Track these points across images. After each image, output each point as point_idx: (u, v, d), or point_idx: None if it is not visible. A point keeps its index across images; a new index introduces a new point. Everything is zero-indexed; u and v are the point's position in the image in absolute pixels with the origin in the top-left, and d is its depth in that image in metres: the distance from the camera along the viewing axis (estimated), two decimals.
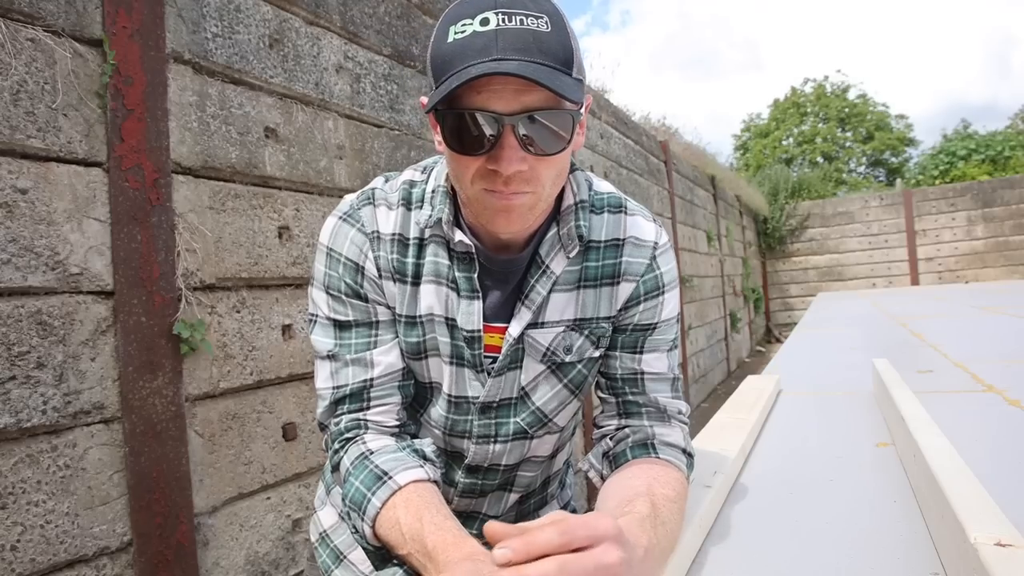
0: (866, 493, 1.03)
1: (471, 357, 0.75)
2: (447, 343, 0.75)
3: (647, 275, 0.77)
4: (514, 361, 0.76)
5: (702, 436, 1.33)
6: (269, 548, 1.74)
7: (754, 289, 10.68)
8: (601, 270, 0.76)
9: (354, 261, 0.75)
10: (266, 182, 1.83)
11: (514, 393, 0.77)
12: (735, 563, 0.81)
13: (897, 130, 21.79)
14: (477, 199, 0.67)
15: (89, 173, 1.40)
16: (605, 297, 0.76)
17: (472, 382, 0.76)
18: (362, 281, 0.75)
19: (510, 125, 0.61)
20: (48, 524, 1.27)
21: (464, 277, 0.74)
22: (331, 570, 0.89)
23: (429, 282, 0.75)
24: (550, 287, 0.74)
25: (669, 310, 0.79)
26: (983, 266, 10.68)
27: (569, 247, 0.74)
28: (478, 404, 0.76)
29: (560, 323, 0.75)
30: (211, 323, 1.63)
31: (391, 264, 0.75)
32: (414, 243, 0.75)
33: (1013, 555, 0.60)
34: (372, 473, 0.70)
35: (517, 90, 0.60)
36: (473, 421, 0.77)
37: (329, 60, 2.08)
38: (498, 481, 0.82)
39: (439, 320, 0.75)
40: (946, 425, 1.09)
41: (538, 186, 0.65)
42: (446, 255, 0.75)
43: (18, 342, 1.25)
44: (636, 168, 5.26)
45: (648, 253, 0.77)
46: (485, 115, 0.61)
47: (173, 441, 1.50)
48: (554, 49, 0.60)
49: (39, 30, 1.33)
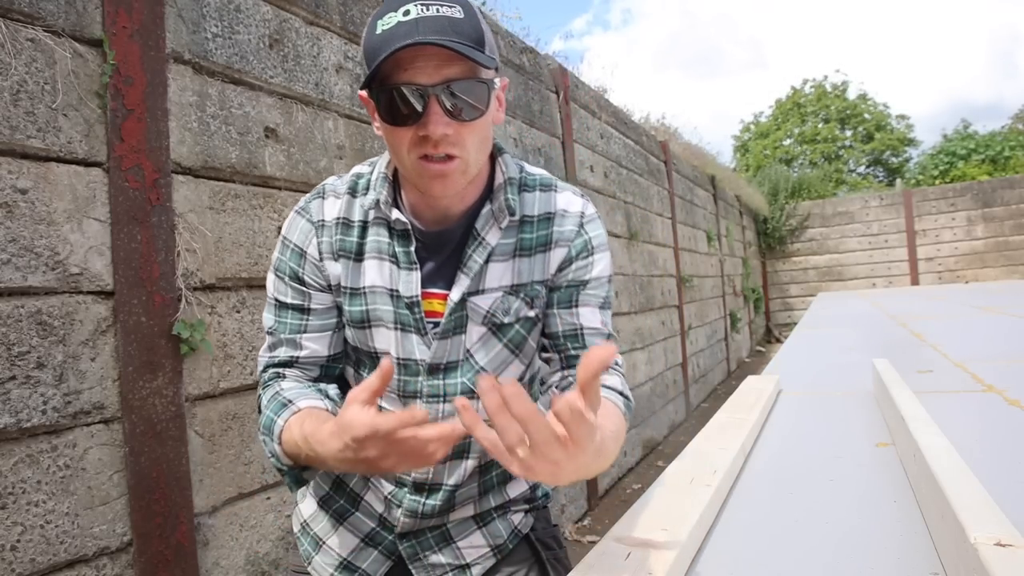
0: (866, 493, 1.03)
1: (414, 322, 0.83)
2: (390, 311, 0.84)
3: (576, 240, 0.86)
4: (459, 326, 0.84)
5: (702, 436, 1.33)
6: (269, 548, 1.74)
7: (754, 289, 10.68)
8: (535, 240, 0.85)
9: (300, 247, 0.86)
10: (266, 182, 1.83)
11: (460, 356, 0.84)
12: (735, 563, 0.81)
13: (897, 130, 21.80)
14: (414, 168, 0.76)
15: (89, 173, 1.40)
16: (539, 263, 0.85)
17: (419, 346, 0.83)
18: (304, 265, 0.86)
19: (434, 95, 0.71)
20: (48, 524, 1.27)
21: (403, 251, 0.83)
22: (311, 557, 0.95)
23: (372, 258, 0.84)
24: (486, 256, 0.83)
25: (600, 269, 0.88)
26: (983, 266, 10.68)
27: (501, 220, 0.83)
28: (425, 365, 0.84)
29: (499, 289, 0.84)
30: (211, 323, 1.63)
31: (334, 245, 0.85)
32: (358, 225, 0.85)
33: (1013, 555, 0.60)
34: (279, 402, 0.80)
35: (438, 65, 0.70)
36: (422, 382, 0.84)
37: (329, 60, 2.08)
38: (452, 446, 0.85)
39: (382, 291, 0.84)
40: (946, 425, 1.09)
41: (464, 150, 0.75)
42: (387, 233, 0.84)
43: (18, 342, 1.25)
44: (636, 168, 5.26)
45: (576, 221, 0.87)
46: (411, 88, 0.71)
47: (173, 441, 1.50)
48: (467, 31, 0.71)
49: (39, 30, 1.33)
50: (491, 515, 0.94)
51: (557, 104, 3.86)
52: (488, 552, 0.93)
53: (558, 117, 3.85)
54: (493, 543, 0.93)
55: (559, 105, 3.87)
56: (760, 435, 1.44)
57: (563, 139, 3.85)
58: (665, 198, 6.03)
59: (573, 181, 3.83)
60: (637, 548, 0.78)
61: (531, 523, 0.99)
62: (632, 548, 0.78)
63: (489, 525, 0.94)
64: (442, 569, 0.91)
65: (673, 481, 1.04)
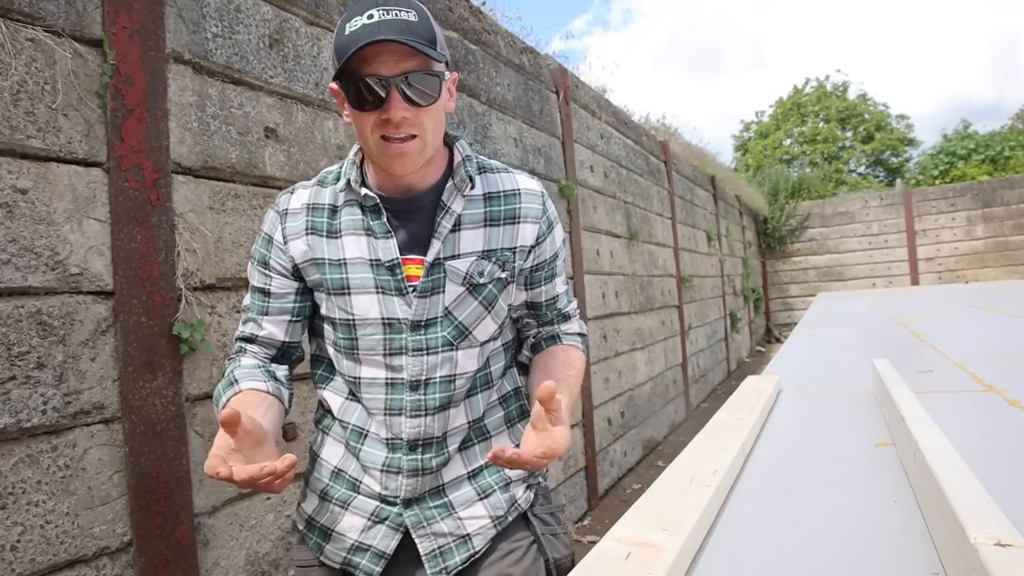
0: (866, 493, 1.03)
1: (395, 283, 0.94)
2: (371, 278, 0.94)
3: (542, 217, 1.02)
4: (436, 287, 0.95)
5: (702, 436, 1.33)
6: (269, 548, 1.74)
7: (754, 289, 10.68)
8: (504, 212, 0.99)
9: (268, 234, 1.00)
10: (266, 182, 1.83)
11: (439, 313, 0.95)
12: (736, 563, 0.81)
13: (897, 130, 21.79)
14: (377, 148, 0.88)
15: (89, 173, 1.40)
16: (507, 233, 0.99)
17: (400, 306, 0.94)
18: (270, 249, 0.99)
19: (394, 84, 0.85)
20: (48, 524, 1.27)
21: (377, 223, 0.94)
22: (323, 547, 1.00)
23: (349, 234, 0.96)
24: (453, 223, 0.96)
25: (560, 239, 1.07)
26: (983, 266, 10.69)
27: (464, 188, 0.97)
28: (408, 323, 0.94)
29: (473, 254, 0.96)
30: (211, 323, 1.63)
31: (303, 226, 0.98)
32: (328, 207, 0.98)
33: (1013, 555, 0.60)
34: (229, 380, 0.95)
35: (397, 60, 0.84)
36: (407, 338, 0.95)
37: (329, 60, 2.08)
38: (438, 397, 0.96)
39: (361, 262, 0.95)
40: (946, 425, 1.09)
41: (421, 130, 0.88)
42: (359, 211, 0.96)
43: (18, 342, 1.25)
44: (636, 168, 5.26)
45: (539, 200, 1.02)
46: (375, 79, 0.84)
47: (173, 441, 1.50)
48: (421, 32, 0.85)
49: (39, 30, 1.33)
50: (492, 487, 1.01)
51: (557, 104, 3.86)
52: (488, 523, 0.99)
53: (558, 117, 3.85)
54: (493, 514, 0.99)
55: (559, 105, 3.87)
56: (760, 435, 1.44)
57: (563, 139, 3.85)
58: (665, 198, 6.03)
59: (573, 181, 3.84)
60: (637, 548, 0.78)
61: (531, 499, 1.05)
62: (632, 548, 0.78)
63: (490, 497, 1.00)
64: (444, 539, 0.97)
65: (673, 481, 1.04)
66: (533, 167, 3.42)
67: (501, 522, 1.00)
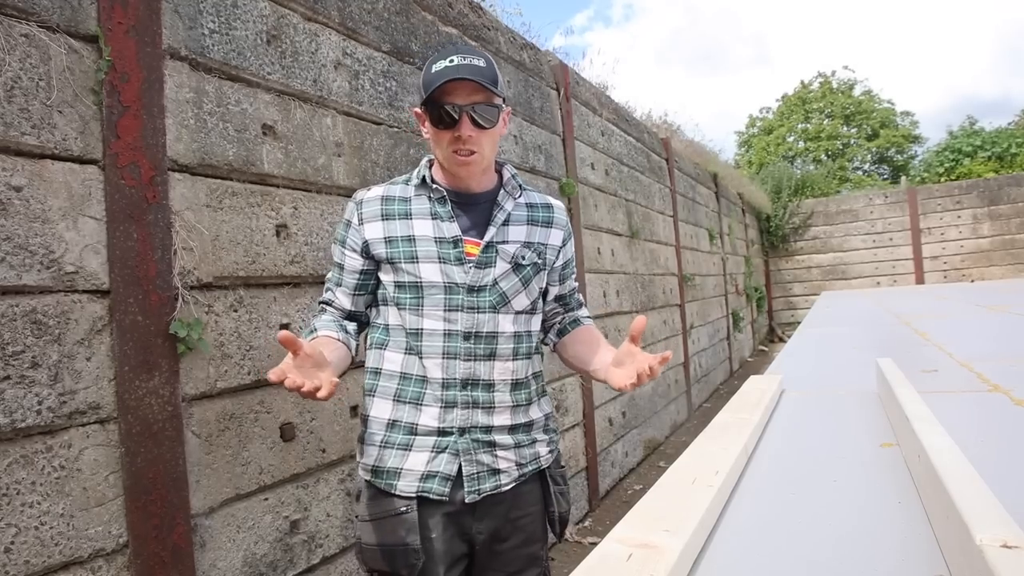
0: (870, 494, 1.01)
1: (455, 254, 1.22)
2: (434, 251, 1.22)
3: (565, 227, 1.36)
4: (489, 262, 1.24)
5: (704, 436, 1.31)
6: (267, 550, 1.73)
7: (757, 288, 10.65)
8: (541, 218, 1.32)
9: (347, 219, 1.28)
10: (264, 180, 1.82)
11: (489, 282, 1.23)
12: (738, 564, 0.80)
13: (902, 127, 21.72)
14: (448, 159, 1.20)
15: (84, 171, 1.39)
16: (543, 232, 1.32)
17: (459, 273, 1.22)
18: (348, 231, 1.27)
19: (465, 111, 1.16)
20: (43, 526, 1.26)
21: (443, 211, 1.23)
22: (394, 486, 1.21)
23: (420, 218, 1.24)
24: (504, 218, 1.27)
25: (573, 249, 1.41)
26: (989, 264, 10.64)
27: (514, 195, 1.30)
28: (464, 287, 1.22)
29: (518, 242, 1.27)
30: (208, 322, 1.62)
31: (378, 212, 1.24)
32: (400, 199, 1.26)
33: (1019, 557, 0.58)
34: (310, 329, 1.25)
35: (468, 93, 1.16)
36: (463, 298, 1.22)
37: (327, 56, 2.07)
38: (484, 349, 1.23)
39: (429, 239, 1.22)
40: (951, 425, 1.08)
41: (480, 148, 1.19)
42: (427, 202, 1.25)
43: (12, 341, 1.24)
44: (637, 165, 5.24)
45: (564, 215, 1.37)
46: (452, 106, 1.16)
47: (170, 441, 1.49)
48: (488, 74, 1.16)
49: (33, 26, 1.32)
50: (524, 441, 1.28)
51: (558, 101, 3.84)
52: (514, 466, 1.26)
53: (559, 114, 3.83)
54: (519, 460, 1.27)
55: (560, 102, 3.86)
56: (763, 435, 1.43)
57: (564, 136, 3.84)
58: (667, 196, 6.01)
59: (574, 178, 3.82)
60: (639, 549, 0.77)
61: (550, 460, 1.33)
62: (634, 549, 0.77)
63: (520, 448, 1.27)
64: (481, 467, 1.23)
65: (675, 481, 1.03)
66: (533, 164, 3.41)
67: (522, 468, 1.27)
